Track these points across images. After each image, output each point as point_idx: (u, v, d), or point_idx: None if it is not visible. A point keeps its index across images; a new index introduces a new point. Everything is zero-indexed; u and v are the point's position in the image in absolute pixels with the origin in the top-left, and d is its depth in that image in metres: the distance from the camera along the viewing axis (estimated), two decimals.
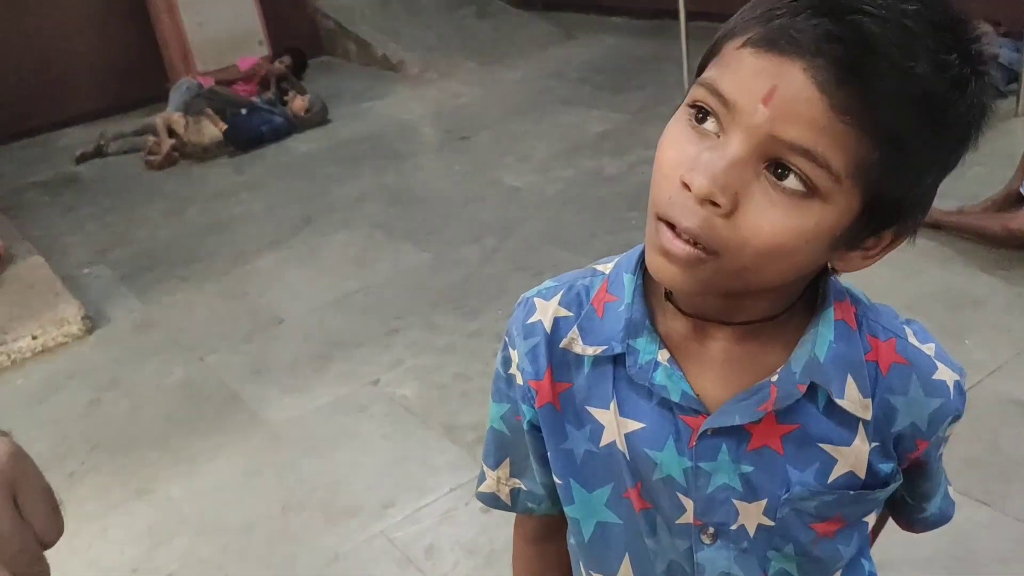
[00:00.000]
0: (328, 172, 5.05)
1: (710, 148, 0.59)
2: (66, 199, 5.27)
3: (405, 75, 6.86)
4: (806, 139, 0.56)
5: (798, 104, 0.56)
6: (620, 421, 0.74)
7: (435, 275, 3.62)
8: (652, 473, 0.74)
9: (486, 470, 0.89)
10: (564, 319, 0.77)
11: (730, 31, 0.61)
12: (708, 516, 0.74)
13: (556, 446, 0.79)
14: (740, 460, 0.72)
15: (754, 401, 0.69)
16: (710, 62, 0.63)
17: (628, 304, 0.74)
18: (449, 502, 2.31)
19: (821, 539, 0.75)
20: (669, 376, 0.71)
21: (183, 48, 6.83)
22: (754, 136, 0.57)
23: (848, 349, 0.70)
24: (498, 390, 0.84)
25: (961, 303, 2.84)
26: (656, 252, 0.63)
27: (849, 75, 0.55)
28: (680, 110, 0.63)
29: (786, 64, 0.56)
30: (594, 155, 4.60)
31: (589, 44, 6.87)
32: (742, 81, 0.58)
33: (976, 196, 3.34)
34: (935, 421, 0.73)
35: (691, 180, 0.58)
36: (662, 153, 0.63)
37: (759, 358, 0.71)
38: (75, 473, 2.70)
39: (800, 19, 0.56)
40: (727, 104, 0.59)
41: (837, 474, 0.72)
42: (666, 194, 0.61)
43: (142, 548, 2.34)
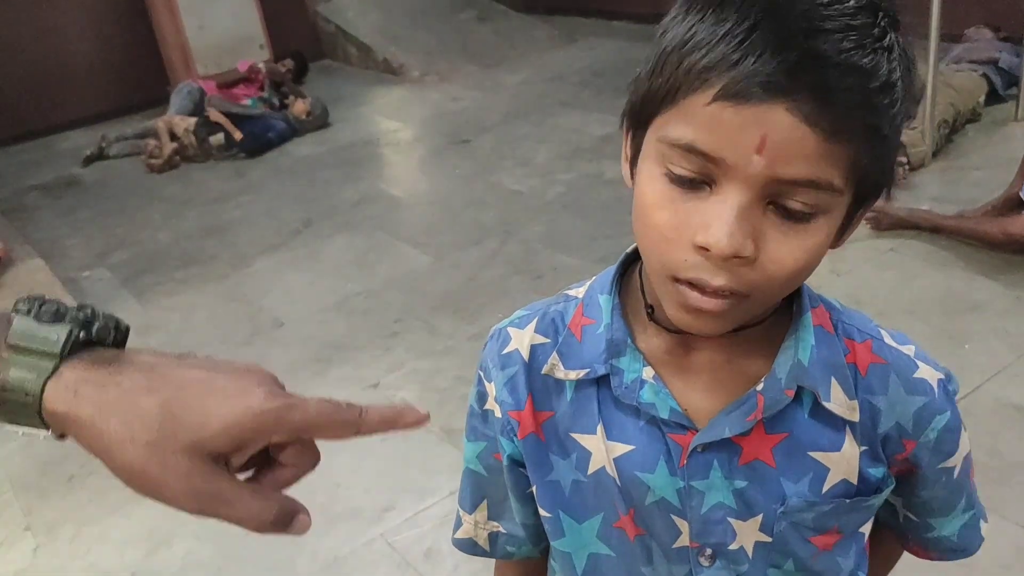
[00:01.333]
0: (328, 175, 5.06)
1: (709, 202, 0.58)
2: (67, 202, 5.28)
3: (406, 79, 6.87)
4: (806, 172, 0.56)
5: (791, 144, 0.55)
6: (608, 445, 0.73)
7: (435, 278, 3.62)
8: (645, 497, 0.72)
9: (462, 514, 0.87)
10: (541, 346, 0.76)
11: (681, 82, 0.57)
12: (704, 537, 0.73)
13: (542, 478, 0.77)
14: (733, 476, 0.71)
15: (742, 412, 0.69)
16: (659, 112, 0.60)
17: (607, 324, 0.73)
18: (448, 505, 2.31)
19: (821, 553, 0.74)
20: (656, 393, 0.70)
21: (183, 51, 6.84)
22: (754, 184, 0.57)
23: (829, 353, 0.71)
24: (472, 428, 0.82)
25: (961, 307, 2.84)
26: (682, 311, 0.62)
27: (829, 99, 0.55)
28: (649, 166, 0.61)
29: (768, 111, 0.54)
30: (595, 159, 4.61)
31: (590, 48, 6.88)
32: (726, 138, 0.56)
33: (976, 200, 3.35)
34: (921, 420, 0.73)
35: (710, 243, 0.57)
36: (653, 215, 0.61)
37: (743, 367, 0.71)
38: (75, 476, 2.70)
39: (763, 60, 0.54)
40: (714, 161, 0.57)
41: (831, 483, 0.71)
42: (679, 257, 0.60)
43: (142, 551, 2.34)
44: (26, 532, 2.49)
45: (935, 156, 3.89)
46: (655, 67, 0.60)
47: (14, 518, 2.56)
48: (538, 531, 0.84)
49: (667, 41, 0.60)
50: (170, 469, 0.48)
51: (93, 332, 0.51)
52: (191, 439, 0.48)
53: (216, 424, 0.49)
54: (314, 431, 0.52)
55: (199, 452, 0.48)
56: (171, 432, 0.48)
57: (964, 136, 4.14)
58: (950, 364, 0.79)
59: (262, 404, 0.50)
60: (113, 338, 0.53)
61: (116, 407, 0.48)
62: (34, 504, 2.61)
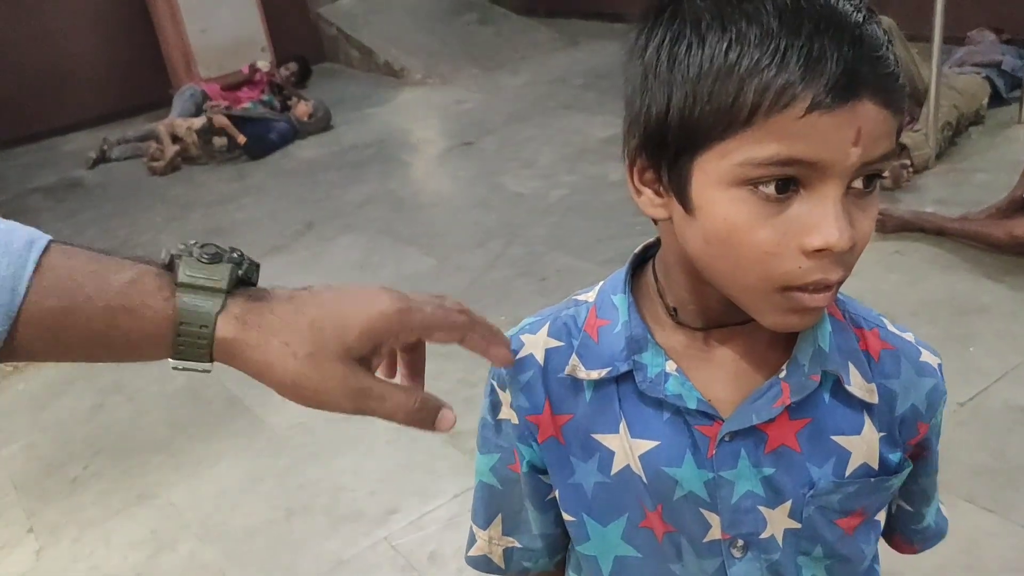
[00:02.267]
0: (331, 177, 5.06)
1: (806, 205, 0.59)
2: (69, 204, 5.28)
3: (408, 81, 6.87)
4: (884, 147, 0.60)
5: (877, 128, 0.58)
6: (632, 443, 0.73)
7: (439, 280, 3.62)
8: (673, 492, 0.72)
9: (476, 531, 0.86)
10: (556, 349, 0.76)
11: (756, 104, 0.57)
12: (736, 528, 0.73)
13: (564, 481, 0.77)
14: (760, 463, 0.71)
15: (768, 399, 0.69)
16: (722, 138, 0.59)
17: (625, 322, 0.73)
18: (452, 508, 2.31)
19: (846, 537, 0.74)
20: (681, 384, 0.71)
21: (186, 54, 6.85)
22: (848, 174, 0.59)
23: (844, 339, 0.73)
24: (485, 440, 0.82)
25: (966, 310, 2.84)
26: (790, 315, 0.63)
27: (892, 78, 0.59)
28: (726, 191, 0.60)
29: (857, 106, 0.57)
30: (598, 161, 4.60)
31: (592, 50, 6.88)
32: (823, 141, 0.57)
33: (980, 203, 3.34)
34: (932, 402, 0.75)
35: (830, 244, 0.59)
36: (750, 237, 0.60)
37: (763, 357, 0.71)
38: (78, 478, 2.70)
39: (836, 63, 0.56)
40: (810, 165, 0.58)
41: (853, 467, 0.72)
42: (791, 267, 0.60)
43: (145, 553, 2.34)
44: (29, 534, 2.48)
45: (939, 158, 3.88)
46: (692, 97, 0.59)
47: (17, 520, 2.55)
48: (555, 542, 0.83)
49: (695, 69, 0.59)
50: (328, 376, 0.56)
51: (244, 269, 0.59)
52: (340, 346, 0.57)
53: (356, 329, 0.57)
54: (431, 331, 0.61)
55: (348, 357, 0.57)
56: (322, 343, 0.56)
57: (967, 139, 4.13)
58: (956, 366, 0.79)
59: (389, 307, 0.58)
60: (257, 276, 0.61)
61: (276, 329, 0.56)
62: (37, 506, 2.60)
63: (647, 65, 0.63)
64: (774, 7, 0.57)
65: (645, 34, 0.64)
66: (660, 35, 0.62)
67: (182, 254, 0.57)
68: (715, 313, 0.70)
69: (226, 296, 0.56)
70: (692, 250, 0.65)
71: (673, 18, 0.61)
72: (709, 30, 0.59)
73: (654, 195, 0.67)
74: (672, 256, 0.71)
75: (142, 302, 0.55)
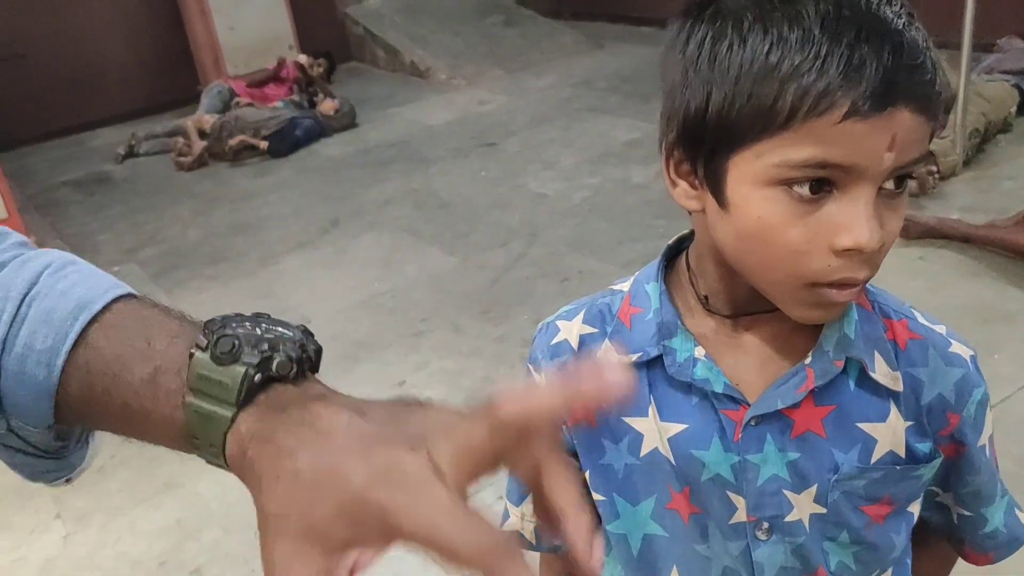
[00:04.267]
0: (355, 176, 5.10)
1: (838, 205, 0.61)
2: (98, 198, 5.35)
3: (433, 81, 6.91)
4: (918, 151, 0.61)
5: (912, 134, 0.60)
6: (661, 426, 0.75)
7: (461, 279, 3.64)
8: (700, 474, 0.74)
9: (509, 507, 0.89)
10: (590, 335, 0.79)
11: (796, 108, 0.59)
12: (761, 511, 0.75)
13: (595, 463, 0.79)
14: (786, 448, 0.73)
15: (792, 384, 0.71)
16: (759, 138, 0.61)
17: (656, 309, 0.75)
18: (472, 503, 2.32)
19: (874, 525, 0.76)
20: (709, 369, 0.73)
21: (214, 51, 6.93)
22: (880, 177, 0.61)
23: (870, 328, 0.74)
24: None
25: (991, 317, 2.82)
26: (816, 309, 0.66)
27: (931, 87, 0.60)
28: (760, 190, 0.62)
29: (894, 113, 0.59)
30: (621, 163, 4.61)
31: (617, 53, 6.89)
32: (859, 146, 0.59)
33: (1006, 210, 3.32)
34: (962, 392, 0.75)
35: (861, 244, 0.60)
36: (783, 234, 0.62)
37: (790, 344, 0.73)
38: (105, 467, 2.74)
39: (876, 71, 0.57)
40: (845, 168, 0.60)
41: (879, 454, 0.74)
42: (821, 265, 0.62)
43: (170, 542, 2.37)
44: (56, 520, 2.53)
45: (966, 165, 3.86)
46: (731, 96, 0.61)
47: (45, 506, 2.60)
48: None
49: (735, 68, 0.61)
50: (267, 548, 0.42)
51: (272, 369, 0.47)
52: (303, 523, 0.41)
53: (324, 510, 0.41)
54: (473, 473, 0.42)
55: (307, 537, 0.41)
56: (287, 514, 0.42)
57: (995, 146, 4.11)
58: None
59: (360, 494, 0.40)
60: (295, 370, 0.47)
61: (261, 471, 0.43)
62: (64, 493, 2.64)
63: (688, 60, 0.64)
64: (816, 11, 0.58)
65: (687, 29, 0.65)
66: (701, 32, 0.63)
67: (200, 344, 0.47)
68: (744, 301, 0.72)
69: (236, 411, 0.45)
70: (723, 243, 0.67)
71: (715, 16, 0.63)
72: (751, 31, 0.60)
73: (689, 187, 0.69)
74: (704, 247, 0.73)
75: (154, 407, 0.48)
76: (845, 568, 0.77)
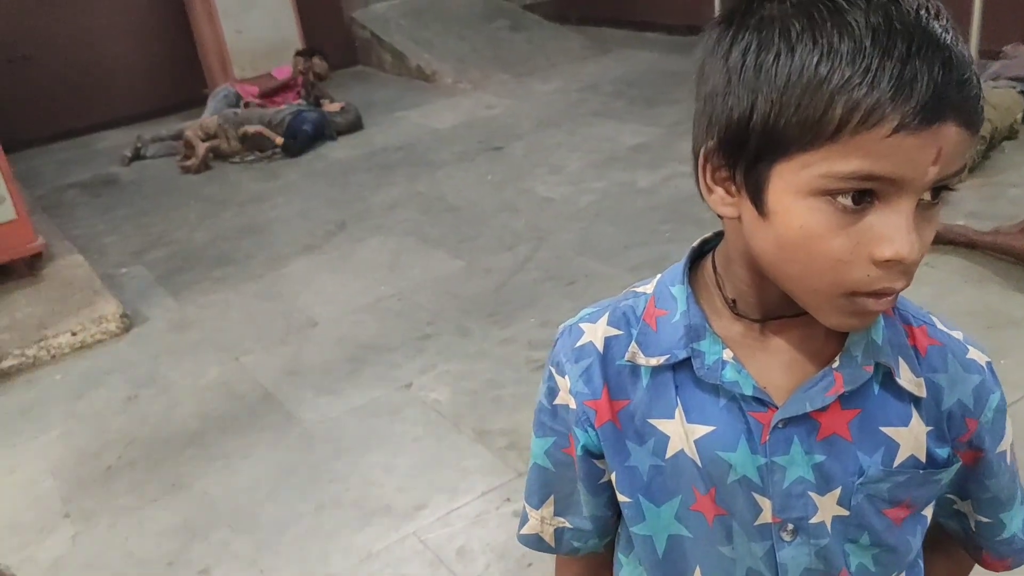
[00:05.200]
0: (362, 179, 5.11)
1: (880, 216, 0.61)
2: (105, 200, 5.37)
3: (439, 85, 6.93)
4: (960, 164, 0.61)
5: (957, 148, 0.60)
6: (688, 428, 0.75)
7: (467, 282, 3.65)
8: (727, 476, 0.75)
9: (529, 510, 0.89)
10: (615, 338, 0.79)
11: (846, 120, 0.58)
12: (786, 512, 0.75)
13: (621, 464, 0.79)
14: (812, 451, 0.73)
15: (821, 388, 0.72)
16: (805, 149, 0.61)
17: (684, 312, 0.76)
18: (480, 505, 2.33)
19: (893, 528, 0.76)
20: (738, 372, 0.73)
21: (221, 55, 6.95)
22: (923, 190, 0.61)
23: (894, 334, 0.75)
24: (541, 424, 0.84)
25: (997, 323, 2.83)
26: (852, 317, 0.66)
27: (976, 102, 0.60)
28: (805, 200, 0.62)
29: (940, 128, 0.59)
30: (627, 168, 4.62)
31: (623, 58, 6.91)
32: (905, 160, 0.59)
33: (1012, 217, 3.33)
34: (980, 398, 0.76)
35: (902, 255, 0.61)
36: (825, 244, 0.62)
37: (818, 348, 0.73)
38: (112, 467, 2.75)
39: (926, 86, 0.57)
40: (889, 181, 0.60)
41: (901, 458, 0.74)
42: (861, 275, 0.63)
43: (178, 542, 2.38)
44: (65, 519, 2.54)
45: (971, 172, 3.87)
46: (778, 106, 0.61)
47: (53, 506, 2.61)
48: (605, 524, 0.86)
49: (783, 78, 0.60)
50: None
51: None
52: None
53: None
54: None
55: None
56: None
57: (1001, 153, 4.11)
58: None
59: None
60: None
61: None
62: (73, 493, 2.66)
63: (731, 68, 0.64)
64: (866, 23, 0.58)
65: (730, 36, 0.64)
66: (747, 40, 0.63)
67: None
68: (773, 306, 0.72)
69: None
70: (761, 251, 0.67)
71: (761, 24, 0.62)
72: (799, 41, 0.60)
73: (725, 194, 0.68)
74: (735, 252, 0.73)
75: None
76: (865, 570, 0.77)
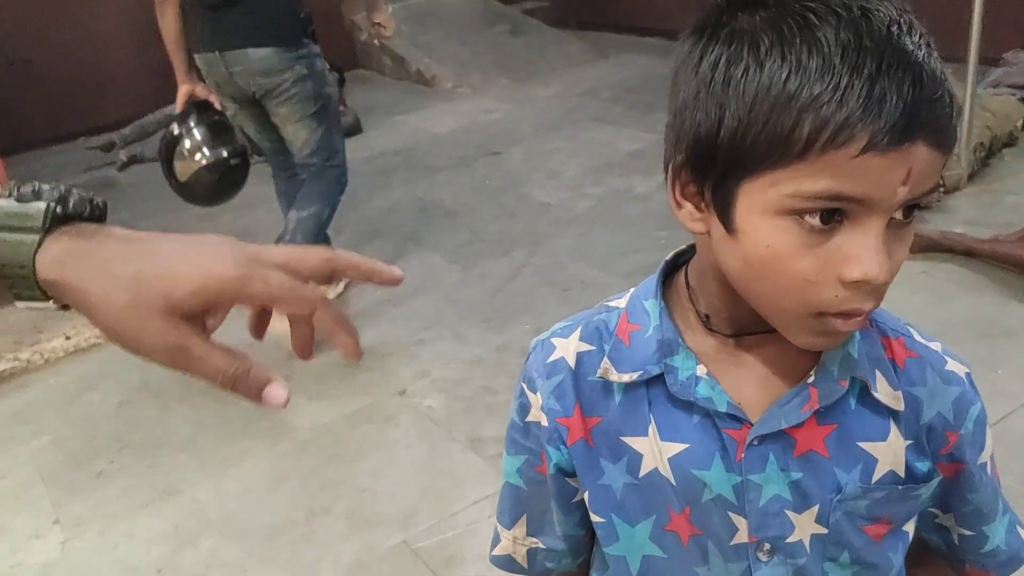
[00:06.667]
0: (359, 183, 5.08)
1: (848, 236, 0.60)
2: None
3: (438, 90, 6.92)
4: (931, 183, 0.60)
5: (927, 167, 0.59)
6: (661, 446, 0.74)
7: (463, 288, 3.64)
8: (701, 495, 0.73)
9: (500, 530, 0.88)
10: (587, 353, 0.78)
11: (813, 139, 0.57)
12: (763, 531, 0.74)
13: (593, 483, 0.78)
14: (789, 468, 0.72)
15: (796, 404, 0.70)
16: (772, 168, 0.59)
17: (656, 327, 0.74)
18: (472, 514, 2.32)
19: (873, 544, 0.75)
20: (712, 388, 0.72)
21: None
22: (892, 209, 0.60)
23: (871, 347, 0.73)
24: (513, 441, 0.83)
25: (994, 332, 2.81)
26: (821, 337, 0.65)
27: (949, 121, 0.59)
28: (771, 219, 0.61)
29: (910, 148, 0.57)
30: (625, 173, 4.61)
31: (622, 64, 6.90)
32: (874, 180, 0.58)
33: (1011, 225, 3.32)
34: (960, 410, 0.75)
35: (869, 277, 0.60)
36: (792, 265, 0.61)
37: (792, 363, 0.72)
38: (104, 472, 2.74)
39: (896, 106, 0.56)
40: (858, 201, 0.59)
41: (880, 473, 0.73)
42: (828, 295, 0.61)
43: (168, 548, 2.37)
44: (55, 525, 2.53)
45: (970, 179, 3.86)
46: (745, 122, 0.59)
47: (43, 511, 2.59)
48: (579, 544, 0.85)
49: (751, 93, 0.59)
50: (146, 328, 0.54)
51: (70, 206, 0.56)
52: (163, 302, 0.53)
53: (184, 288, 0.54)
54: (274, 303, 0.57)
55: (172, 313, 0.54)
56: (144, 297, 0.53)
57: (1000, 160, 4.10)
58: (983, 389, 0.79)
59: (227, 271, 0.54)
60: (90, 212, 0.58)
61: (96, 275, 0.54)
62: (63, 498, 2.65)
63: (700, 81, 0.62)
64: (836, 40, 0.57)
65: (700, 48, 0.63)
66: (716, 52, 0.61)
67: (3, 194, 0.56)
68: (746, 321, 0.71)
69: (43, 235, 0.54)
70: (729, 268, 0.66)
71: (731, 37, 0.61)
72: (768, 56, 0.58)
73: (695, 209, 0.67)
74: (707, 267, 0.72)
75: None
76: None
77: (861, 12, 0.57)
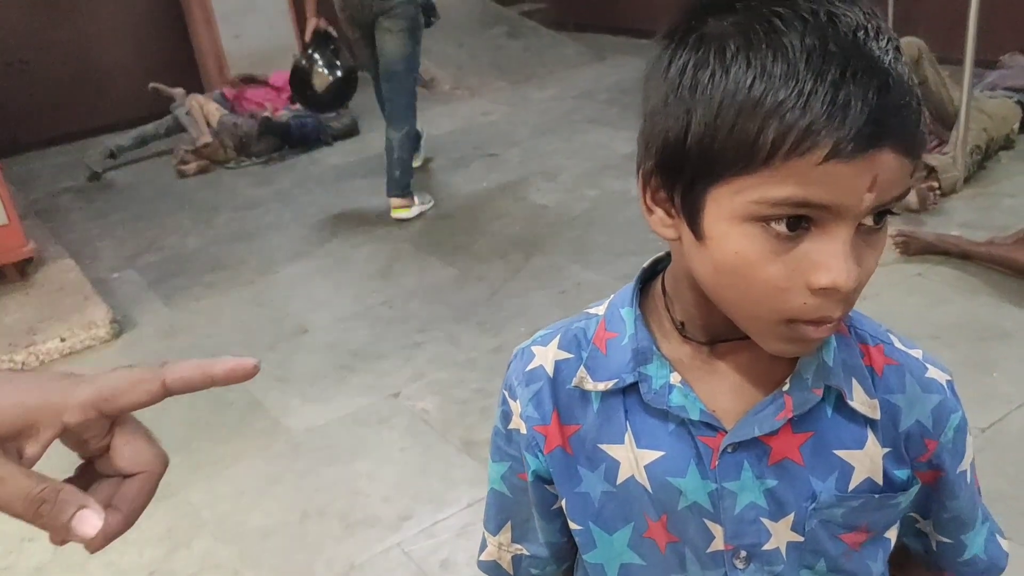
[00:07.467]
0: (356, 185, 5.10)
1: (816, 243, 0.60)
2: (98, 205, 5.35)
3: (436, 92, 6.91)
4: (899, 190, 0.59)
5: (894, 174, 0.58)
6: (637, 453, 0.74)
7: (459, 290, 3.64)
8: (677, 502, 0.73)
9: (487, 536, 0.89)
10: (565, 361, 0.78)
11: (778, 146, 0.56)
12: (739, 539, 0.74)
13: (571, 491, 0.78)
14: (764, 475, 0.72)
15: (771, 411, 0.70)
16: (739, 174, 0.59)
17: (631, 335, 0.74)
18: (466, 517, 2.31)
19: (851, 552, 0.75)
20: (685, 396, 0.71)
21: (219, 59, 6.94)
22: (859, 216, 0.59)
23: (848, 354, 0.73)
24: (497, 448, 0.84)
25: (988, 335, 2.81)
26: (791, 344, 0.65)
27: (915, 128, 0.58)
28: (739, 226, 0.60)
29: (876, 155, 0.57)
30: (621, 175, 4.61)
31: (619, 66, 6.90)
32: (840, 187, 0.57)
33: (1007, 228, 3.32)
34: (939, 418, 0.75)
35: (837, 284, 0.59)
36: (761, 271, 0.61)
37: (767, 370, 0.72)
38: None
39: (860, 112, 0.55)
40: (824, 208, 0.58)
41: (856, 481, 0.73)
42: (798, 303, 0.61)
43: (161, 551, 2.36)
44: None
45: (966, 182, 3.86)
46: (712, 127, 0.58)
47: None
48: (562, 550, 0.85)
49: (717, 98, 0.58)
50: None
51: None
52: None
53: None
54: (111, 401, 0.52)
55: None
56: None
57: (997, 163, 4.10)
58: (976, 392, 0.79)
59: (34, 388, 0.51)
60: None
61: None
62: None
63: (669, 86, 0.62)
64: (802, 45, 0.56)
65: (669, 54, 0.63)
66: (684, 58, 0.61)
67: None
68: (721, 328, 0.71)
69: None
70: (701, 275, 0.66)
71: (699, 42, 0.60)
72: (734, 61, 0.58)
73: (665, 215, 0.67)
74: (681, 273, 0.72)
75: None
76: None
77: (828, 17, 0.57)
